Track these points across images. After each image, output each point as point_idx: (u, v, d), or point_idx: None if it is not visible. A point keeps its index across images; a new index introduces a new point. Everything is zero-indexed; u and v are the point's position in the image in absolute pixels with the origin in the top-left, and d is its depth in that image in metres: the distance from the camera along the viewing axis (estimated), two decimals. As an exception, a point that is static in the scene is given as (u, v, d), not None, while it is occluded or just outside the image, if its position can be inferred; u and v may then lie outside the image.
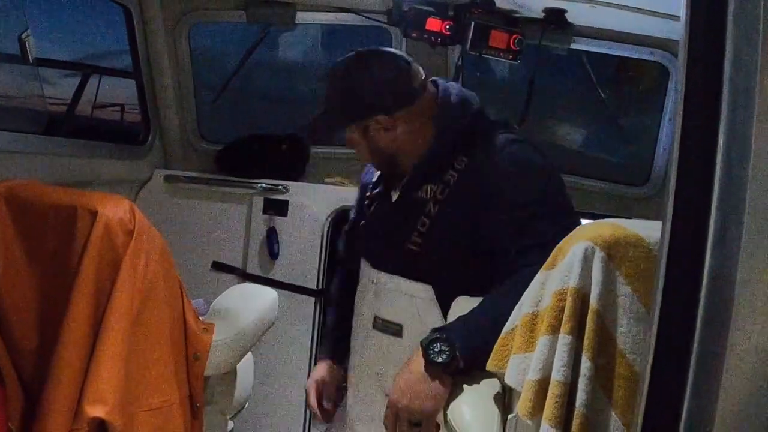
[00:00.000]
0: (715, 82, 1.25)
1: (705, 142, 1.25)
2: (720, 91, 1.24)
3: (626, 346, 2.13)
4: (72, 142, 4.17)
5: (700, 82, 1.28)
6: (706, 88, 1.26)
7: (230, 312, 3.17)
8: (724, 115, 1.24)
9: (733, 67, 1.24)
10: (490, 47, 4.18)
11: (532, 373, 2.18)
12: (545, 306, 2.23)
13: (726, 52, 1.24)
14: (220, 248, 4.74)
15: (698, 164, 1.27)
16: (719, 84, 1.24)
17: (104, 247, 2.54)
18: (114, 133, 5.33)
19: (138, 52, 4.61)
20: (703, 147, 1.25)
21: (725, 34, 1.24)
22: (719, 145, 1.24)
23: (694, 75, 1.29)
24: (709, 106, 1.25)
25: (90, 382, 2.49)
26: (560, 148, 5.43)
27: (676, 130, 1.29)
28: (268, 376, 4.44)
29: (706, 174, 1.24)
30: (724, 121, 1.24)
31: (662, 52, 4.46)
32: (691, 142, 1.28)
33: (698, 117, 1.28)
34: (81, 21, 5.09)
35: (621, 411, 2.13)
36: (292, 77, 5.63)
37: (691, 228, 1.29)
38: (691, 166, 1.28)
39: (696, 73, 1.29)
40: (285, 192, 4.67)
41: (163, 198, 4.73)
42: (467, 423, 2.51)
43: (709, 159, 1.24)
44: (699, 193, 1.27)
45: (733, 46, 1.24)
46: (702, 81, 1.28)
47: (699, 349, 1.29)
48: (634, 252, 2.13)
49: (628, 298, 2.13)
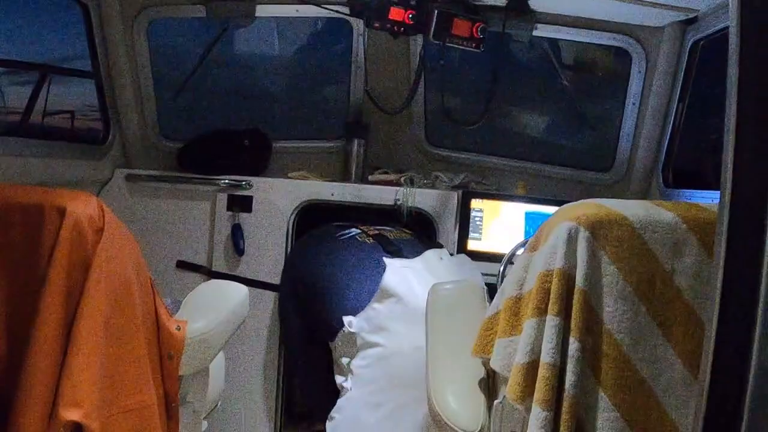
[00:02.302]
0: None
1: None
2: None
3: (613, 326, 2.13)
4: (29, 142, 4.08)
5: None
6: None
7: (202, 309, 3.12)
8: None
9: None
10: (453, 36, 4.16)
11: (520, 356, 2.16)
12: (530, 288, 2.22)
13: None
14: (184, 247, 4.68)
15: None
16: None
17: (74, 246, 2.47)
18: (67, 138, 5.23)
19: (96, 49, 4.53)
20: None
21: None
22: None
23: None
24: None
25: (64, 385, 2.42)
26: (524, 135, 5.43)
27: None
28: (240, 373, 4.40)
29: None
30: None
31: (624, 37, 4.47)
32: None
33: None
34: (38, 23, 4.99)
35: (610, 391, 2.13)
36: (252, 72, 5.57)
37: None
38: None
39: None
40: (249, 188, 4.62)
41: (125, 198, 4.66)
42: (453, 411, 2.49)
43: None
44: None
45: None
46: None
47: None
48: (618, 231, 2.12)
49: (613, 277, 2.12)
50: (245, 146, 4.84)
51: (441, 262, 4.12)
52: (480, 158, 5.11)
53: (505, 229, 4.49)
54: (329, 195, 4.65)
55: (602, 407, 2.13)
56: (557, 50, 4.90)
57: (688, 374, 2.12)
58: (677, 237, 2.16)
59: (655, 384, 2.13)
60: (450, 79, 4.61)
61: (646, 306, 2.12)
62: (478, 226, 4.50)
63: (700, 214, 2.20)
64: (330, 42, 5.27)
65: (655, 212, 2.19)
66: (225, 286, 3.59)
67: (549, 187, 4.94)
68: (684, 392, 2.13)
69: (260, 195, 4.62)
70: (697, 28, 4.11)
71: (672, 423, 2.14)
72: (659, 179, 4.51)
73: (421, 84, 4.70)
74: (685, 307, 2.13)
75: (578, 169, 5.01)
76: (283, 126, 5.28)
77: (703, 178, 4.47)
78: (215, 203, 4.64)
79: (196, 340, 2.91)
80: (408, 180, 4.67)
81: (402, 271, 4.00)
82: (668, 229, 2.16)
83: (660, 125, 4.49)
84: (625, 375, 2.12)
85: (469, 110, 4.84)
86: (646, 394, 2.13)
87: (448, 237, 4.53)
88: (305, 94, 5.52)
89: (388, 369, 3.76)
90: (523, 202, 4.59)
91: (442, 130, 5.10)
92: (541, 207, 4.48)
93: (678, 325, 2.13)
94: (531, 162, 5.07)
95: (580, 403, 2.12)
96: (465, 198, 4.53)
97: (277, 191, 4.64)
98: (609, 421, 2.12)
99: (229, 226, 4.61)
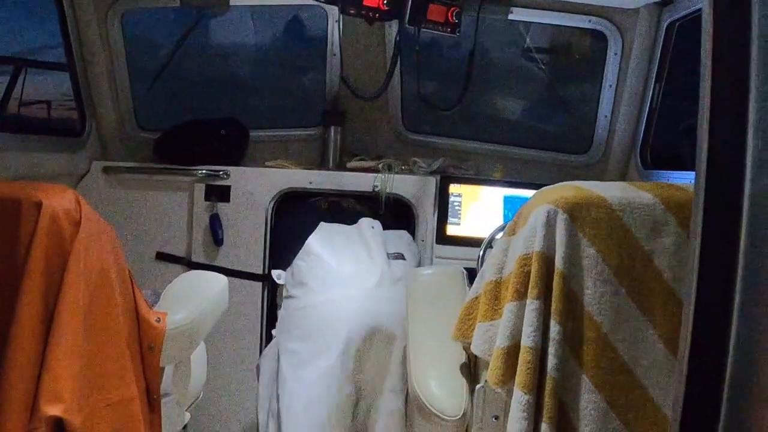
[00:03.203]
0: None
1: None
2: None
3: (593, 308, 2.13)
4: (5, 136, 4.04)
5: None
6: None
7: (182, 300, 3.10)
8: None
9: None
10: (428, 21, 4.15)
11: (500, 340, 2.17)
12: (509, 272, 2.22)
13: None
14: (163, 238, 4.67)
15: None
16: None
17: (51, 240, 2.45)
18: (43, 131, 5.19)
19: (71, 41, 4.49)
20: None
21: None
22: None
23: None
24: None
25: (45, 379, 2.40)
26: (501, 119, 5.44)
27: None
28: (221, 363, 4.39)
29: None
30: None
31: (600, 19, 4.47)
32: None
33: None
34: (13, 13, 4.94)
35: (591, 373, 2.13)
36: (228, 61, 5.54)
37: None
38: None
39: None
40: (226, 177, 4.60)
41: (103, 190, 4.63)
42: (435, 396, 2.49)
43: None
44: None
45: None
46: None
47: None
48: (597, 212, 2.12)
49: (592, 260, 2.12)
50: (222, 136, 4.82)
51: (372, 231, 4.29)
52: (458, 143, 5.10)
53: (484, 214, 4.50)
54: (307, 183, 4.64)
55: (584, 389, 2.13)
56: (533, 34, 4.90)
57: (669, 355, 2.13)
58: (656, 218, 2.16)
59: (636, 365, 2.14)
60: (426, 65, 4.60)
61: (626, 287, 2.13)
62: (456, 211, 4.50)
63: (678, 194, 2.21)
64: (305, 29, 5.25)
65: (633, 193, 2.19)
66: (204, 276, 3.57)
67: (527, 171, 4.94)
68: (665, 372, 2.14)
69: (238, 184, 4.60)
70: (672, 9, 4.12)
71: (654, 403, 2.15)
72: (637, 160, 4.53)
73: (398, 70, 4.69)
74: (664, 288, 2.14)
75: (556, 152, 5.01)
76: (260, 115, 5.25)
77: (681, 159, 4.48)
78: (193, 194, 4.62)
79: (177, 331, 2.90)
80: (386, 166, 4.65)
81: (329, 234, 4.24)
82: (647, 210, 2.16)
83: (637, 107, 4.50)
84: (606, 357, 2.13)
85: (446, 95, 4.83)
86: (627, 375, 2.14)
87: (427, 222, 4.54)
88: (281, 82, 5.50)
89: (299, 321, 3.98)
90: (502, 186, 4.59)
91: (419, 115, 5.09)
92: (520, 191, 4.49)
93: (658, 305, 2.14)
94: (509, 146, 5.07)
95: (562, 386, 2.13)
96: (443, 183, 4.54)
97: (255, 180, 4.63)
98: (591, 403, 2.13)
99: (207, 217, 4.60)
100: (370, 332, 3.76)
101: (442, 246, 4.51)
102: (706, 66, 1.28)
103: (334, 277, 3.98)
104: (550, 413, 2.11)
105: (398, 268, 4.06)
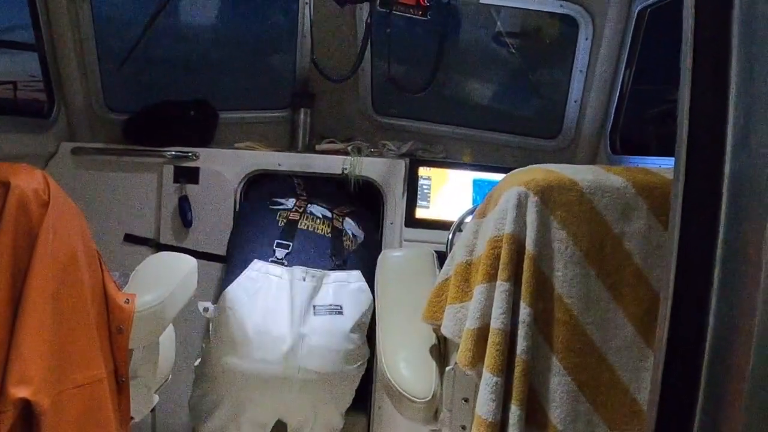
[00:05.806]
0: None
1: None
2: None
3: (563, 290, 2.14)
4: None
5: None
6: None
7: (150, 282, 3.09)
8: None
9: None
10: (399, 3, 4.15)
11: (470, 321, 2.17)
12: (480, 254, 2.22)
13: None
14: (131, 220, 4.63)
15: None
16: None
17: (19, 221, 2.43)
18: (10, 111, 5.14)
19: (39, 21, 4.43)
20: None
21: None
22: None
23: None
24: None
25: (12, 362, 2.38)
26: (471, 103, 5.44)
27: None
28: (190, 345, 4.37)
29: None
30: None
31: (571, 4, 4.48)
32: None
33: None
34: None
35: (561, 355, 2.14)
36: (197, 43, 5.50)
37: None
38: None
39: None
40: (195, 159, 4.57)
41: (71, 171, 4.58)
42: (405, 378, 2.50)
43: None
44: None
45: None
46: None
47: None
48: (568, 195, 2.13)
49: (563, 242, 2.13)
50: (191, 117, 4.78)
51: (302, 284, 4.05)
52: (427, 126, 5.10)
53: (453, 197, 4.50)
54: (276, 165, 4.62)
55: (554, 372, 2.15)
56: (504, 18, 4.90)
57: (638, 337, 2.15)
58: (626, 201, 2.18)
59: (606, 347, 2.16)
60: (397, 48, 4.59)
61: (597, 270, 2.14)
62: (425, 194, 4.50)
63: (649, 178, 2.22)
64: (276, 11, 5.22)
65: (604, 177, 2.20)
66: (173, 258, 3.56)
67: (496, 155, 4.96)
68: (635, 355, 2.16)
69: (207, 166, 4.57)
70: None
71: (623, 385, 2.17)
72: (606, 146, 4.55)
73: (368, 52, 4.68)
74: (634, 271, 2.15)
75: (525, 137, 5.02)
76: (230, 96, 5.22)
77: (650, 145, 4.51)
78: (162, 175, 4.58)
79: (146, 313, 2.88)
80: (355, 149, 4.65)
81: (253, 284, 4.07)
82: (617, 193, 2.17)
83: (607, 92, 4.53)
84: (576, 339, 2.14)
85: (416, 78, 4.83)
86: (597, 357, 2.15)
87: (396, 205, 4.53)
88: (251, 63, 5.46)
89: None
90: (471, 169, 4.60)
91: (389, 98, 5.08)
92: (489, 174, 4.50)
93: (628, 288, 2.16)
94: (478, 129, 5.08)
95: (532, 368, 2.14)
96: (412, 166, 4.53)
97: (224, 162, 4.60)
98: (561, 385, 2.15)
99: (176, 198, 4.57)
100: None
101: (411, 229, 4.50)
102: (687, 41, 1.28)
103: (247, 338, 3.92)
104: (519, 395, 2.12)
105: (325, 324, 3.93)
